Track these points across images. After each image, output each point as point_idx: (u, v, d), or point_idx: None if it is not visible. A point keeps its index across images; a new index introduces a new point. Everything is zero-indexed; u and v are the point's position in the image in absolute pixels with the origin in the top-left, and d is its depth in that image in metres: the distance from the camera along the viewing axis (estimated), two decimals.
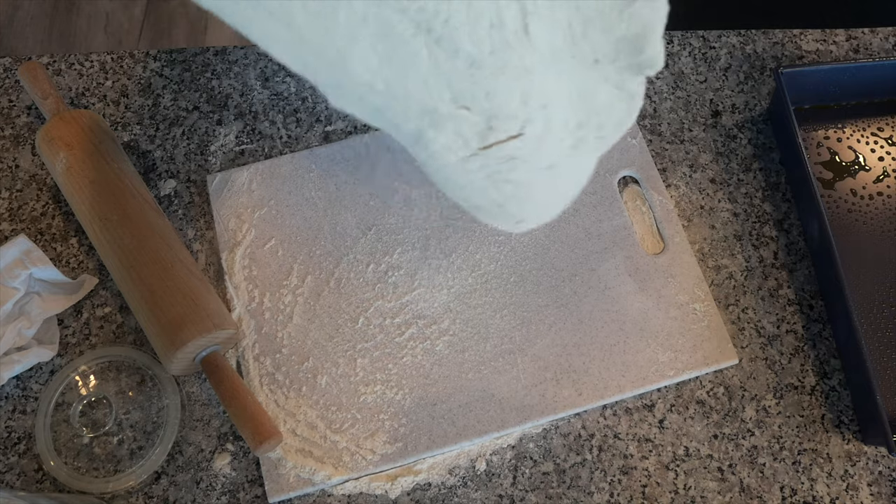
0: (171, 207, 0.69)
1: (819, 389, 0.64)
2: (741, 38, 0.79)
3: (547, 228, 0.67)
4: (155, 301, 0.59)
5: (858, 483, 0.61)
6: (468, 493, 0.59)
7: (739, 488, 0.61)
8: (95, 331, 0.64)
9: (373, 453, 0.59)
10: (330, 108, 0.73)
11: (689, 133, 0.74)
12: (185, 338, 0.57)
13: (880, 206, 0.71)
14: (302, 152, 0.70)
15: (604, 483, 0.60)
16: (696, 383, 0.64)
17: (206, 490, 0.59)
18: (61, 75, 0.74)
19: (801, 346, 0.66)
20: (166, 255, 0.61)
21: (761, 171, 0.73)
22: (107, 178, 0.63)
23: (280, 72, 0.74)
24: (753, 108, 0.75)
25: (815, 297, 0.67)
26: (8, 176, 0.70)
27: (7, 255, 0.61)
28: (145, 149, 0.71)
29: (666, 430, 0.62)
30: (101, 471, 0.59)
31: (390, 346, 0.63)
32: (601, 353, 0.63)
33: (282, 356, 0.62)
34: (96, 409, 0.61)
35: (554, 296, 0.65)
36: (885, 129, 0.75)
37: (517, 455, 0.61)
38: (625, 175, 0.71)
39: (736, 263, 0.68)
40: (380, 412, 0.61)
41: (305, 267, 0.66)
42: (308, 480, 0.58)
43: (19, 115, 0.72)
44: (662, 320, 0.65)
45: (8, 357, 0.60)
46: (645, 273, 0.66)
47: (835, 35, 0.80)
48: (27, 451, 0.60)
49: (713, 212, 0.70)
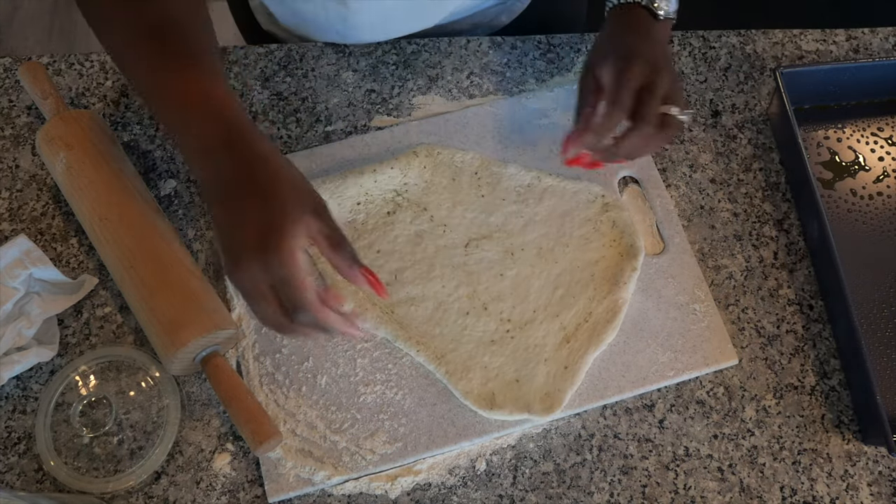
0: (171, 207, 0.68)
1: (819, 389, 0.64)
2: (741, 38, 0.79)
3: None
4: (155, 301, 0.59)
5: (858, 483, 0.61)
6: (468, 493, 0.59)
7: (739, 488, 0.61)
8: (95, 331, 0.64)
9: (373, 453, 0.59)
10: (330, 107, 0.73)
11: (689, 133, 0.74)
12: (185, 338, 0.57)
13: (880, 206, 0.71)
14: (302, 152, 0.70)
15: (604, 483, 0.60)
16: (696, 383, 0.64)
17: (206, 490, 0.59)
18: (61, 75, 0.74)
19: (801, 346, 0.66)
20: (166, 255, 0.61)
21: (761, 171, 0.72)
22: (107, 178, 0.63)
23: (280, 72, 0.74)
24: (753, 108, 0.75)
25: (815, 297, 0.67)
26: (8, 176, 0.70)
27: (7, 255, 0.61)
28: (145, 149, 0.71)
29: (666, 430, 0.62)
30: (101, 471, 0.59)
31: (390, 347, 0.63)
32: (601, 353, 0.63)
33: (282, 356, 0.62)
34: (96, 409, 0.61)
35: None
36: (885, 129, 0.75)
37: (517, 455, 0.61)
38: (625, 175, 0.71)
39: (736, 263, 0.68)
40: (380, 412, 0.61)
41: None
42: (308, 480, 0.58)
43: (19, 115, 0.72)
44: (662, 321, 0.64)
45: (8, 357, 0.60)
46: (645, 273, 0.66)
47: (835, 35, 0.79)
48: (27, 451, 0.60)
49: (713, 212, 0.70)
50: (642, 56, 0.59)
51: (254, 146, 0.51)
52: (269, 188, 0.50)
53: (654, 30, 0.62)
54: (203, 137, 0.51)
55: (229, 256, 0.49)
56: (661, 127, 0.59)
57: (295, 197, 0.50)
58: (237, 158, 0.50)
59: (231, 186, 0.50)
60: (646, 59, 0.59)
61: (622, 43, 0.62)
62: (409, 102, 0.74)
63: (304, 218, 0.49)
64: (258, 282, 0.49)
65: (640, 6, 0.62)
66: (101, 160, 0.64)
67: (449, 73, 0.75)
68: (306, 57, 0.75)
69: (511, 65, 0.76)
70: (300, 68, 0.75)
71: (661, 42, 0.63)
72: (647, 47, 0.61)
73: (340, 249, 0.52)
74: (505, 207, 0.67)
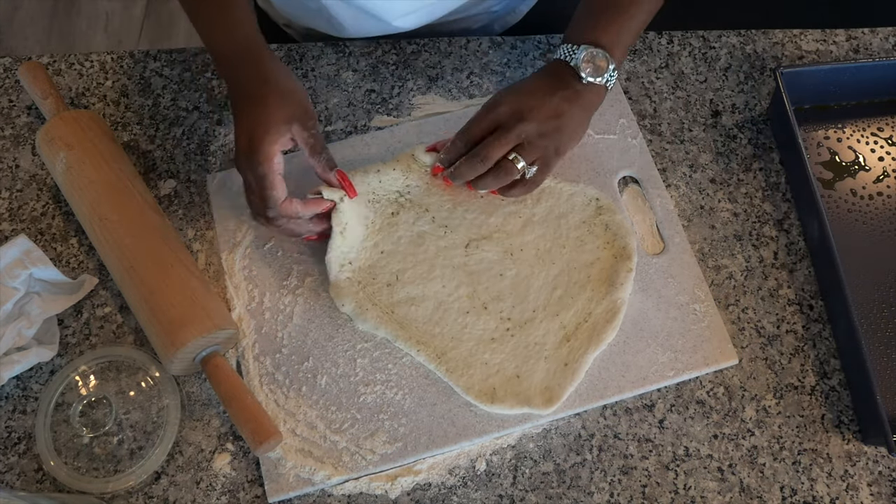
0: (171, 207, 0.68)
1: (819, 389, 0.64)
2: (741, 38, 0.79)
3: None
4: (155, 301, 0.59)
5: (858, 483, 0.61)
6: (468, 493, 0.59)
7: (739, 488, 0.61)
8: (95, 331, 0.64)
9: (373, 453, 0.59)
10: (330, 107, 0.73)
11: (689, 133, 0.74)
12: (185, 338, 0.57)
13: (880, 206, 0.71)
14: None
15: (604, 483, 0.60)
16: (696, 383, 0.64)
17: (206, 490, 0.59)
18: (61, 75, 0.74)
19: (801, 346, 0.66)
20: (166, 255, 0.61)
21: (761, 171, 0.72)
22: (107, 178, 0.63)
23: None
24: (753, 108, 0.75)
25: (815, 297, 0.67)
26: (8, 176, 0.70)
27: (7, 255, 0.61)
28: (145, 149, 0.71)
29: (666, 430, 0.62)
30: (101, 471, 0.59)
31: (390, 346, 0.63)
32: (601, 354, 0.63)
33: (282, 356, 0.62)
34: (96, 409, 0.61)
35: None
36: (885, 129, 0.75)
37: (517, 455, 0.61)
38: (625, 175, 0.71)
39: (736, 263, 0.68)
40: (380, 412, 0.61)
41: (305, 267, 0.66)
42: (308, 480, 0.58)
43: (19, 115, 0.72)
44: (662, 320, 0.64)
45: (8, 357, 0.60)
46: (645, 273, 0.66)
47: (835, 35, 0.79)
48: (27, 451, 0.60)
49: (713, 212, 0.70)
50: (520, 102, 0.61)
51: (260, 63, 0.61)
52: (263, 98, 0.59)
53: (572, 89, 0.61)
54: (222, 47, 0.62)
55: (236, 151, 0.60)
56: (496, 169, 0.61)
57: (282, 107, 0.59)
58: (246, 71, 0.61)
59: (237, 93, 0.61)
60: (520, 106, 0.60)
61: (523, 86, 0.63)
62: (409, 102, 0.74)
63: (287, 126, 0.59)
64: (246, 176, 0.59)
65: (569, 65, 0.62)
66: (101, 160, 0.64)
67: (449, 73, 0.75)
68: (306, 57, 0.75)
69: (511, 65, 0.76)
70: (300, 68, 0.75)
71: (569, 100, 0.61)
72: (540, 98, 0.61)
73: (317, 154, 0.61)
74: (504, 208, 0.67)
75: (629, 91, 0.75)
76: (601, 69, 0.61)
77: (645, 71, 0.76)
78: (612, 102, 0.73)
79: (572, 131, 0.62)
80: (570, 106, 0.61)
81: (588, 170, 0.70)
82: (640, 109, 0.74)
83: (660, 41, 0.78)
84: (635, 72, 0.76)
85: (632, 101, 0.74)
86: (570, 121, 0.62)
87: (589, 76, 0.61)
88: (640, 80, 0.76)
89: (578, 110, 0.62)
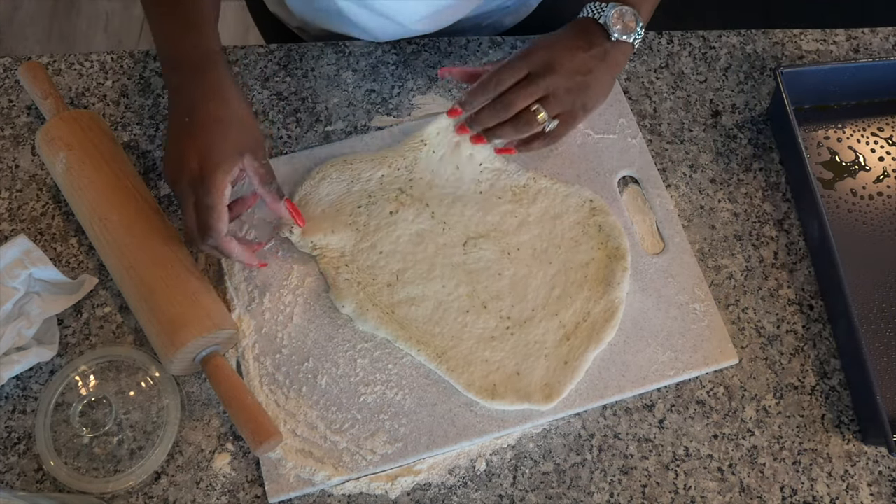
0: (171, 207, 0.68)
1: (819, 389, 0.64)
2: (741, 38, 0.79)
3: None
4: (155, 301, 0.59)
5: (858, 483, 0.61)
6: (468, 493, 0.59)
7: (739, 488, 0.61)
8: (95, 331, 0.64)
9: (373, 453, 0.59)
10: (330, 107, 0.73)
11: (689, 133, 0.74)
12: (185, 338, 0.57)
13: (880, 206, 0.71)
14: (302, 152, 0.70)
15: (604, 483, 0.60)
16: (696, 383, 0.64)
17: (206, 490, 0.59)
18: (61, 75, 0.74)
19: (801, 346, 0.66)
20: (166, 255, 0.61)
21: (761, 171, 0.72)
22: (107, 178, 0.63)
23: (280, 72, 0.74)
24: (753, 108, 0.75)
25: (815, 297, 0.67)
26: (8, 176, 0.70)
27: (7, 255, 0.61)
28: (145, 149, 0.71)
29: (666, 430, 0.62)
30: (101, 471, 0.59)
31: (390, 347, 0.63)
32: (601, 353, 0.63)
33: (282, 356, 0.62)
34: (96, 409, 0.61)
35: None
36: (885, 129, 0.75)
37: (517, 455, 0.61)
38: (625, 175, 0.71)
39: (736, 263, 0.68)
40: (380, 412, 0.61)
41: (305, 267, 0.66)
42: (308, 481, 0.58)
43: (19, 115, 0.72)
44: (662, 320, 0.65)
45: (8, 357, 0.60)
46: (645, 273, 0.66)
47: (835, 35, 0.79)
48: (27, 451, 0.60)
49: (713, 212, 0.70)
50: (551, 55, 0.60)
51: (221, 81, 0.59)
52: (221, 123, 0.57)
53: (601, 47, 0.62)
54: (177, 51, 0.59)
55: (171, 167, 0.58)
56: (516, 119, 0.61)
57: (240, 136, 0.58)
58: (205, 85, 0.58)
59: (189, 105, 0.58)
60: (550, 59, 0.60)
61: (556, 40, 0.62)
62: (409, 102, 0.74)
63: (240, 156, 0.57)
64: (187, 197, 0.57)
65: (597, 23, 0.62)
66: (101, 160, 0.64)
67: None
68: (306, 57, 0.75)
69: None
70: (300, 68, 0.75)
71: (598, 58, 0.62)
72: (570, 53, 0.61)
73: (267, 185, 0.60)
74: (500, 206, 0.67)
75: (629, 91, 0.75)
76: (630, 28, 0.62)
77: (645, 71, 0.76)
78: (612, 102, 0.73)
79: (599, 89, 0.63)
80: (599, 63, 0.62)
81: (588, 169, 0.70)
82: (640, 109, 0.74)
83: (660, 41, 0.78)
84: (635, 72, 0.76)
85: (632, 101, 0.74)
86: (598, 79, 0.62)
87: (618, 34, 0.61)
88: (640, 80, 0.76)
89: (605, 68, 0.62)
